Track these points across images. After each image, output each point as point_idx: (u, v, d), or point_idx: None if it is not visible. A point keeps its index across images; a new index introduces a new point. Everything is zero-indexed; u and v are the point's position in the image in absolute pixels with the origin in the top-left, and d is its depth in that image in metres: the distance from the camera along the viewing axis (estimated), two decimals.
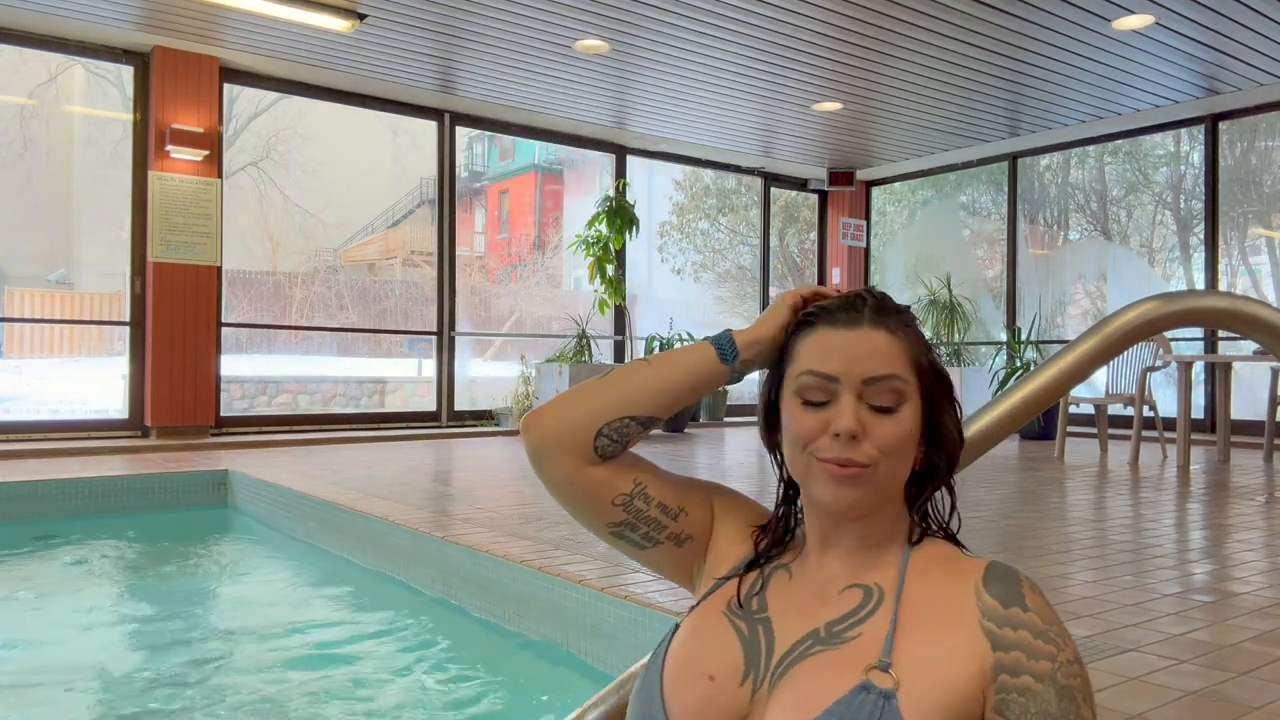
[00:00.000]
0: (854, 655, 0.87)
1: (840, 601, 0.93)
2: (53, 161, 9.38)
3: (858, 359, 0.92)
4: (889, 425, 0.91)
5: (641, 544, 1.05)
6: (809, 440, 0.93)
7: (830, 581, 0.95)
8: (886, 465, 0.91)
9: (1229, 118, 8.11)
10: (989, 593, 0.88)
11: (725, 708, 0.89)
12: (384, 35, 6.57)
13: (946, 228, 11.07)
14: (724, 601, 0.98)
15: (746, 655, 0.92)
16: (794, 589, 0.96)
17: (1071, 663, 0.84)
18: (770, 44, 6.69)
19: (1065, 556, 3.09)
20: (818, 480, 0.92)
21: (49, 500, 4.63)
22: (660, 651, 0.97)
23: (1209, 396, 7.83)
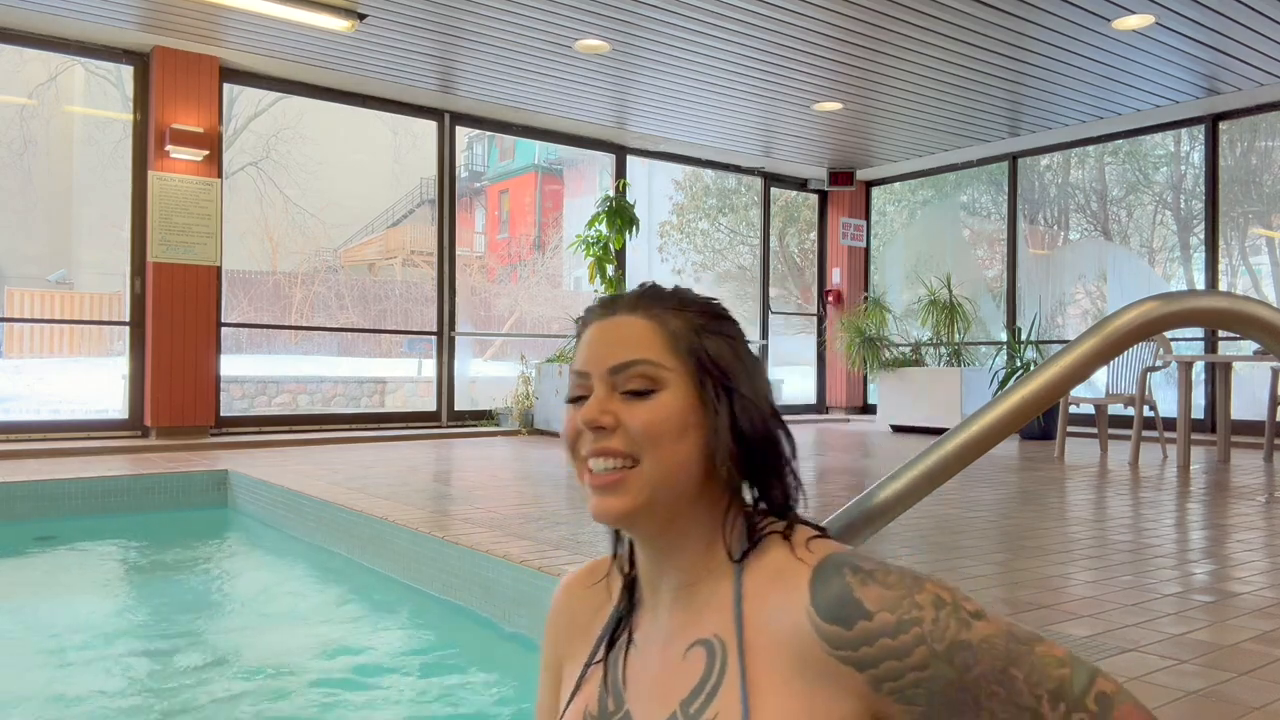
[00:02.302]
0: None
1: (687, 670, 0.83)
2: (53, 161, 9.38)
3: (608, 347, 0.87)
4: (641, 411, 0.84)
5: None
6: (572, 440, 0.88)
7: (670, 641, 0.86)
8: (651, 460, 0.83)
9: (1229, 118, 8.11)
10: (826, 621, 0.76)
11: None
12: (384, 35, 6.57)
13: (946, 228, 11.07)
14: (582, 706, 0.91)
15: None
16: (643, 661, 0.88)
17: (936, 621, 0.75)
18: (770, 44, 6.69)
19: (1065, 556, 3.09)
20: (589, 496, 0.86)
21: (49, 500, 4.62)
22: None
23: (1209, 396, 7.83)
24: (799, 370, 11.57)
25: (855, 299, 10.78)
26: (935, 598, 0.76)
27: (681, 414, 0.84)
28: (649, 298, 0.90)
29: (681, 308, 0.89)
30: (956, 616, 0.75)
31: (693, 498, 0.86)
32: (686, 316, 0.89)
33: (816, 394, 11.36)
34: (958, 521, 3.78)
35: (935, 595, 0.76)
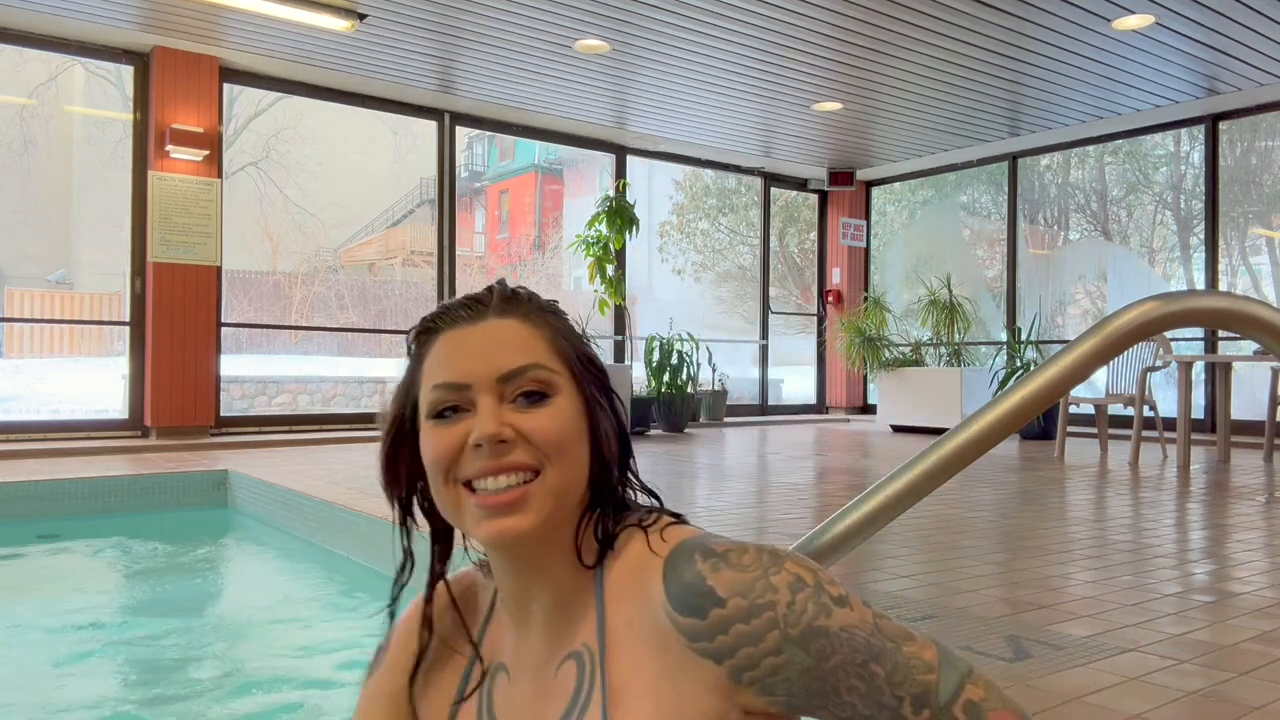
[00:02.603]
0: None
1: (559, 689, 0.79)
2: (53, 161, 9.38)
3: (486, 355, 0.78)
4: (544, 418, 0.77)
5: None
6: (449, 462, 0.77)
7: (543, 664, 0.81)
8: (554, 470, 0.77)
9: (1229, 118, 8.11)
10: (682, 614, 0.73)
11: None
12: (384, 35, 6.57)
13: (946, 228, 11.07)
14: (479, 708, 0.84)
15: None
16: (516, 693, 0.82)
17: (791, 605, 0.72)
18: (770, 44, 6.69)
19: (1065, 556, 3.09)
20: (472, 519, 0.77)
21: (49, 500, 4.62)
22: None
23: (1209, 396, 7.83)
24: (799, 370, 11.58)
25: (855, 299, 10.78)
26: (794, 579, 0.73)
27: (577, 419, 0.80)
28: (514, 300, 0.83)
29: (544, 309, 0.85)
30: (815, 600, 0.72)
31: (574, 508, 0.81)
32: (551, 319, 0.84)
33: (816, 394, 11.36)
34: (958, 521, 3.79)
35: (794, 577, 0.73)
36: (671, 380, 8.77)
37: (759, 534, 3.52)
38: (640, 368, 9.00)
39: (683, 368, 8.86)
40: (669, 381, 8.76)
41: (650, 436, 8.29)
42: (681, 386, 8.81)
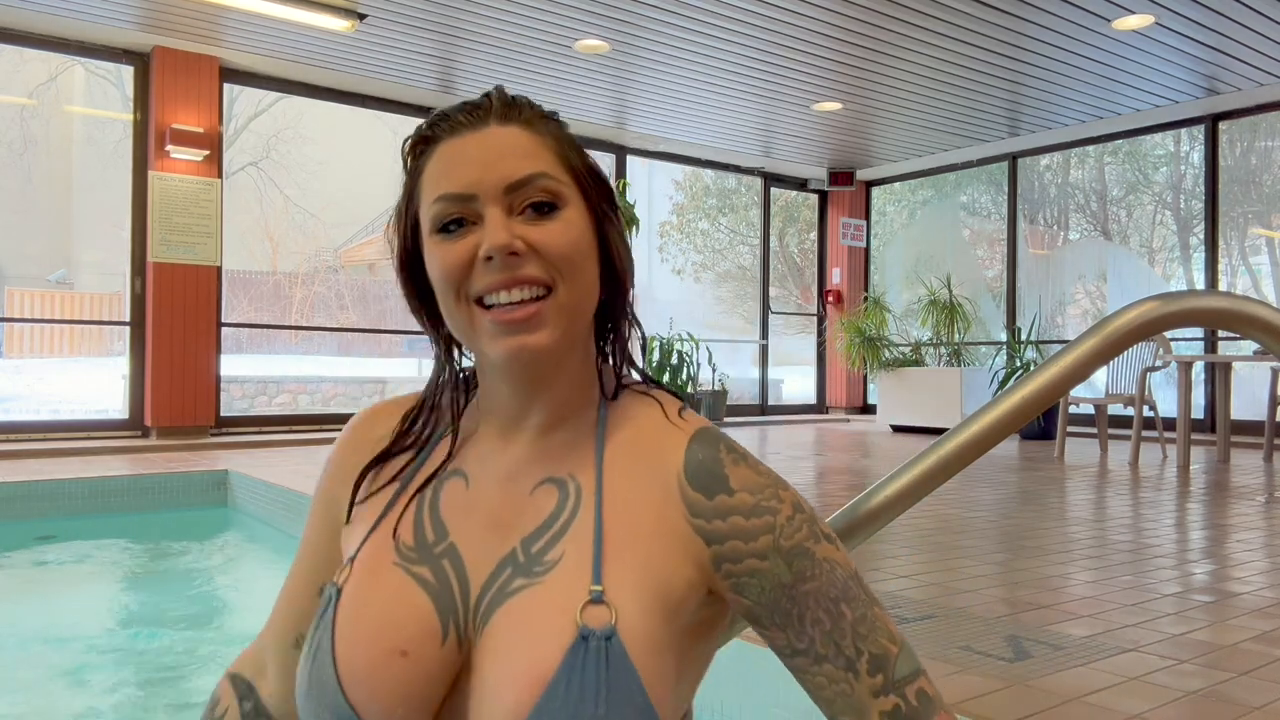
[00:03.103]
0: (561, 589, 0.72)
1: (534, 507, 0.76)
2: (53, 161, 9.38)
3: (491, 163, 0.74)
4: (555, 230, 0.74)
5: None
6: (459, 278, 0.74)
7: (518, 476, 0.78)
8: (567, 286, 0.74)
9: (1229, 118, 8.11)
10: (693, 488, 0.75)
11: (430, 679, 0.72)
12: (384, 35, 6.57)
13: (946, 228, 11.07)
14: (389, 547, 0.77)
15: (439, 606, 0.74)
16: (476, 498, 0.78)
17: (790, 519, 0.74)
18: (770, 44, 6.69)
19: (1065, 556, 3.09)
20: (487, 336, 0.74)
21: (49, 500, 4.62)
22: (322, 638, 0.75)
23: (1209, 396, 7.83)
24: (799, 370, 11.58)
25: (855, 299, 10.78)
26: (796, 503, 0.76)
27: (587, 234, 0.77)
28: (515, 106, 0.80)
29: (546, 116, 0.81)
30: (810, 526, 0.76)
31: (585, 330, 0.79)
32: (554, 127, 0.81)
33: (816, 394, 11.36)
34: (958, 521, 3.79)
35: (796, 501, 0.77)
36: (671, 380, 8.78)
37: None
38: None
39: (683, 368, 8.86)
40: (669, 381, 8.77)
41: None
42: (681, 386, 8.81)
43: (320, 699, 0.73)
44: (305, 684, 0.75)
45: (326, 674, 0.73)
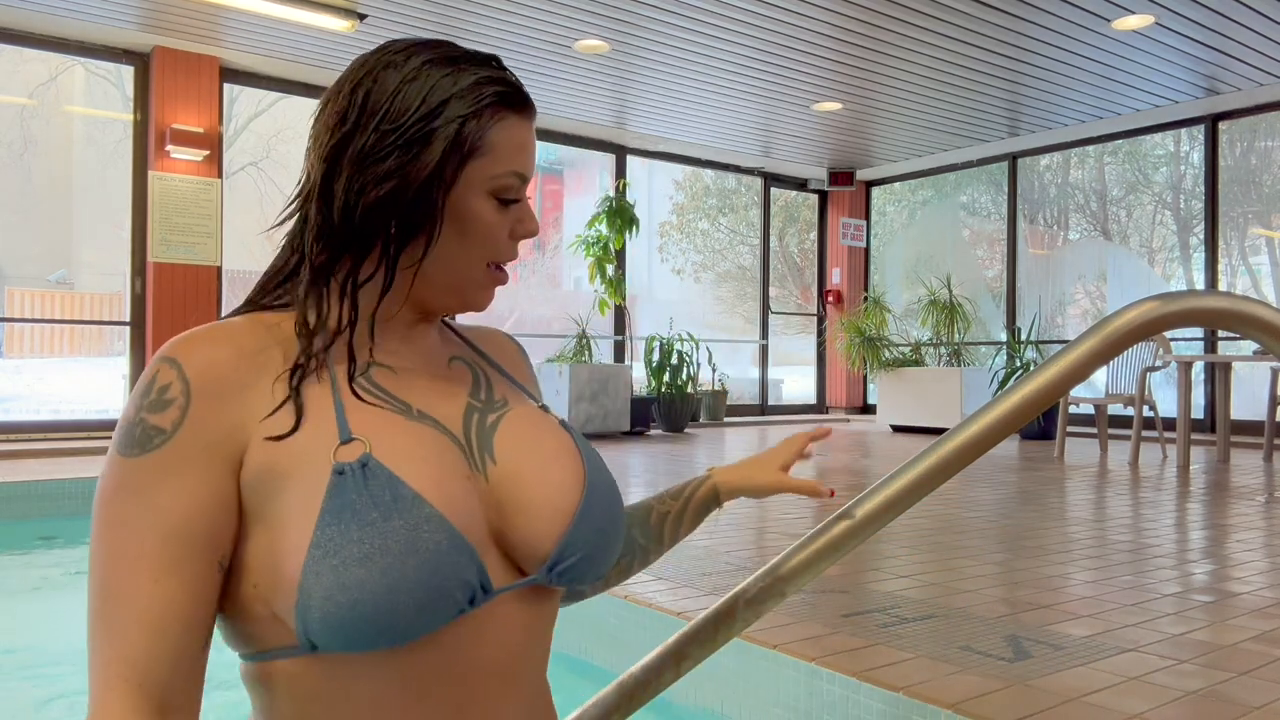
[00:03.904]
0: (527, 410, 0.90)
1: (457, 375, 0.90)
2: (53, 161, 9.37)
3: (533, 156, 0.86)
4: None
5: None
6: (496, 246, 0.85)
7: (432, 359, 0.89)
8: None
9: (1229, 118, 8.11)
10: (520, 352, 1.02)
11: (480, 502, 0.80)
12: (384, 35, 6.57)
13: (946, 228, 11.07)
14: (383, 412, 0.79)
15: (454, 444, 0.82)
16: (410, 379, 0.84)
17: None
18: (770, 44, 6.69)
19: (1065, 556, 3.09)
20: (484, 289, 0.86)
21: (49, 500, 4.63)
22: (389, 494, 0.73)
23: (1209, 396, 7.84)
24: (799, 370, 11.58)
25: (855, 299, 10.78)
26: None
27: None
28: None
29: None
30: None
31: None
32: None
33: (816, 394, 11.36)
34: (958, 521, 3.79)
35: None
36: (671, 380, 8.77)
37: (759, 533, 3.52)
38: (640, 368, 9.00)
39: (682, 368, 8.86)
40: (669, 381, 8.76)
41: (650, 436, 8.29)
42: (681, 386, 8.81)
43: (431, 552, 0.72)
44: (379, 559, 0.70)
45: (429, 520, 0.72)
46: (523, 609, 0.81)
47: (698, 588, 2.55)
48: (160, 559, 0.71)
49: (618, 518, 0.87)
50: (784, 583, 1.14)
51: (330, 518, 0.71)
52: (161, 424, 0.73)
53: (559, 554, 0.81)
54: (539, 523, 0.81)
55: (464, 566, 0.74)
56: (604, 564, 0.85)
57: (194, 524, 0.72)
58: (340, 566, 0.69)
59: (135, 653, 0.70)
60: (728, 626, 1.14)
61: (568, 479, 0.84)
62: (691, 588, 2.56)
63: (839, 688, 1.84)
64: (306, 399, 0.77)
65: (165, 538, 0.72)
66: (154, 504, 0.72)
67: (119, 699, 0.70)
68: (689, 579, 2.66)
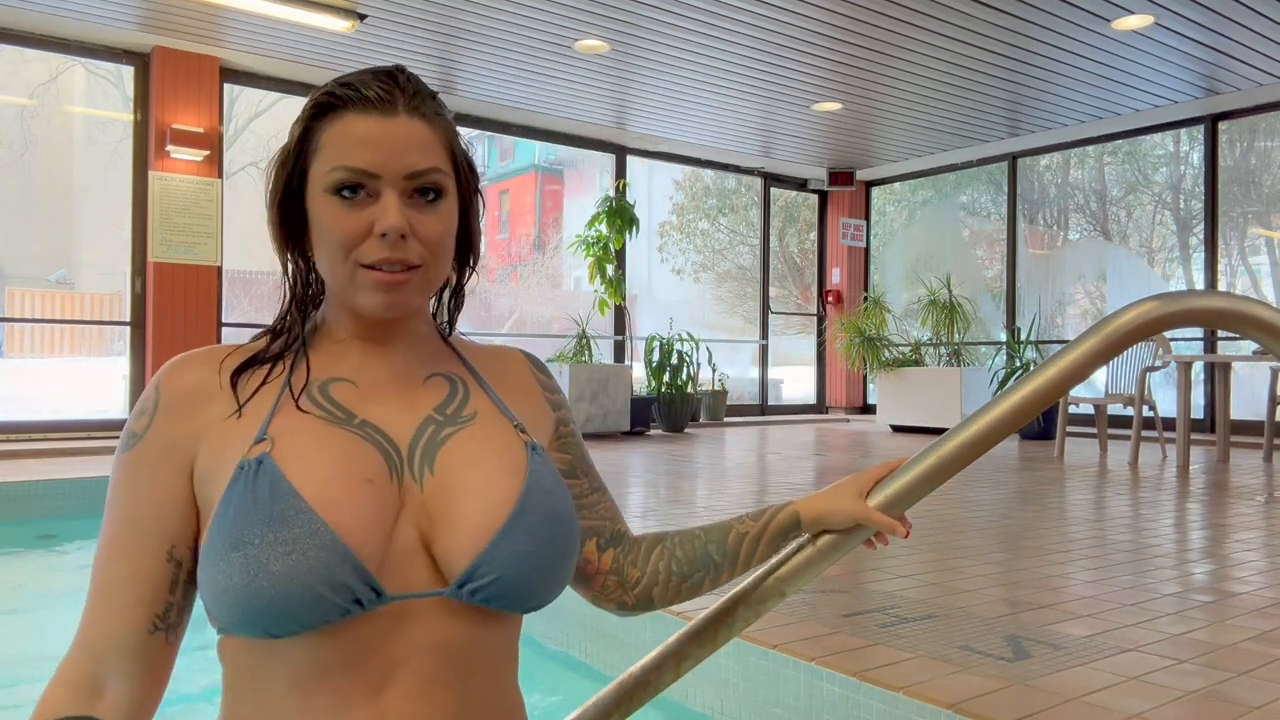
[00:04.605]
0: (494, 424, 0.90)
1: (431, 391, 0.90)
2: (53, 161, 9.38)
3: (398, 152, 0.83)
4: (434, 221, 0.85)
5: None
6: (352, 245, 0.83)
7: (405, 374, 0.90)
8: (434, 267, 0.87)
9: (1229, 118, 8.11)
10: (539, 373, 1.02)
11: (390, 509, 0.81)
12: (384, 35, 6.57)
13: (946, 228, 11.07)
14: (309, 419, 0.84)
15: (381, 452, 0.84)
16: (370, 393, 0.87)
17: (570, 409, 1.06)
18: (770, 44, 6.69)
19: (1065, 556, 3.10)
20: (363, 290, 0.84)
21: (49, 500, 4.63)
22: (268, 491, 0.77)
23: (1209, 396, 7.84)
24: (799, 370, 11.57)
25: (855, 299, 10.78)
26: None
27: (454, 221, 0.89)
28: (421, 96, 0.87)
29: (441, 113, 0.89)
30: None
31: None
32: (448, 123, 0.90)
33: (816, 394, 11.36)
34: (958, 521, 3.79)
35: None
36: (671, 380, 8.77)
37: None
38: (640, 368, 9.00)
39: (682, 368, 8.86)
40: (669, 381, 8.76)
41: (650, 436, 8.29)
42: (681, 386, 8.81)
43: (294, 547, 0.75)
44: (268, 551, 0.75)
45: (299, 514, 0.77)
46: (448, 619, 0.81)
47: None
48: (119, 541, 0.84)
49: (552, 545, 0.85)
50: (784, 583, 1.14)
51: (220, 509, 0.79)
52: (135, 429, 0.86)
53: (470, 572, 0.81)
54: (460, 538, 0.82)
55: (335, 568, 0.76)
56: (536, 587, 0.84)
57: (145, 515, 0.83)
58: (218, 553, 0.77)
59: (90, 617, 0.83)
60: (728, 626, 1.14)
61: (498, 499, 0.83)
62: None
63: (839, 688, 1.85)
64: (255, 401, 0.85)
65: (123, 523, 0.84)
66: (122, 494, 0.85)
67: (68, 661, 0.83)
68: None
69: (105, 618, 0.82)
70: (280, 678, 0.80)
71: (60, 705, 0.80)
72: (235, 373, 0.86)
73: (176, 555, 0.83)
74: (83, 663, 0.82)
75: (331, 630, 0.77)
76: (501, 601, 0.82)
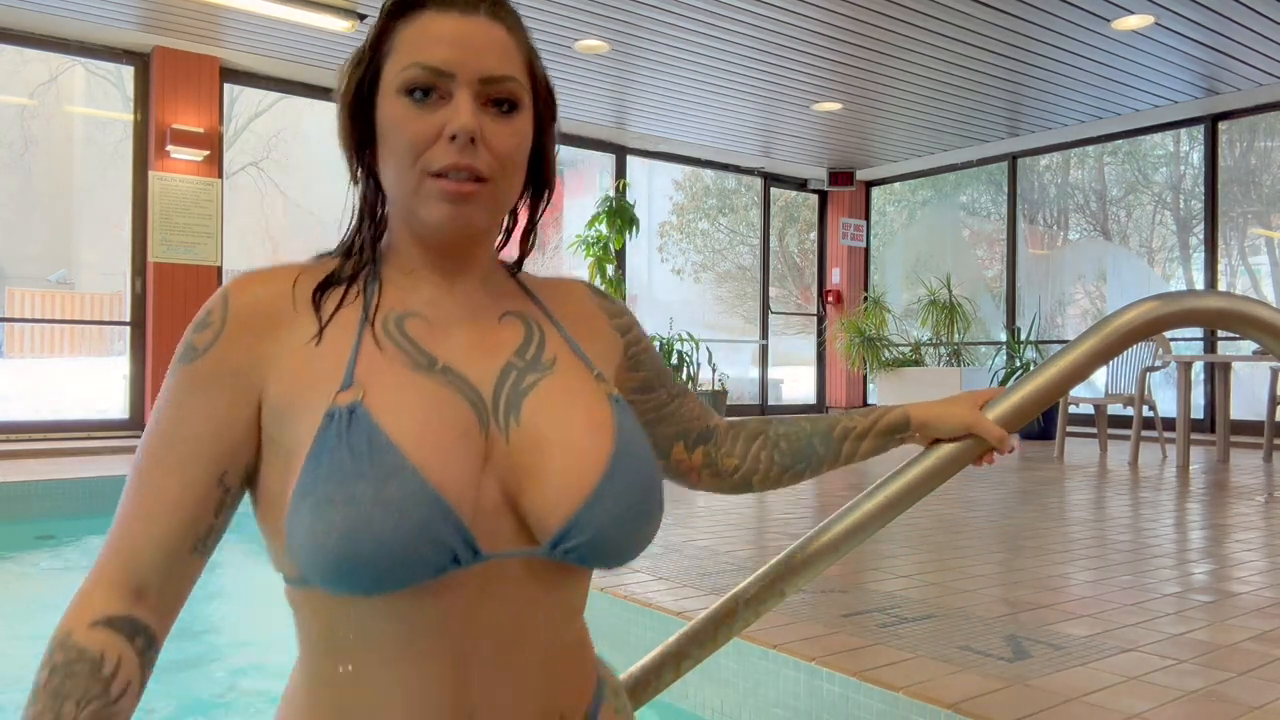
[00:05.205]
0: (575, 374, 0.87)
1: (507, 333, 0.86)
2: (53, 161, 9.38)
3: (475, 52, 0.80)
4: (507, 134, 0.81)
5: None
6: (421, 148, 0.79)
7: (479, 313, 0.86)
8: (504, 183, 0.82)
9: (1229, 118, 8.11)
10: (602, 300, 1.00)
11: (479, 462, 0.78)
12: None
13: (946, 228, 11.08)
14: (395, 362, 0.80)
15: (469, 402, 0.80)
16: (444, 333, 0.84)
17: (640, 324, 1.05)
18: (770, 44, 6.69)
19: (1065, 556, 3.10)
20: (429, 201, 0.80)
21: (49, 500, 4.63)
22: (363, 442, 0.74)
23: (1208, 396, 7.84)
24: (799, 370, 11.57)
25: (855, 299, 10.78)
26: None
27: (528, 141, 0.85)
28: (505, 6, 0.84)
29: (524, 28, 0.86)
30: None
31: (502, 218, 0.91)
32: (529, 37, 0.86)
33: (816, 394, 11.36)
34: (958, 521, 3.79)
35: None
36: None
37: (759, 533, 3.52)
38: None
39: (683, 368, 8.86)
40: None
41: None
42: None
43: (395, 504, 0.72)
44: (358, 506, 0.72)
45: (399, 470, 0.73)
46: (534, 577, 0.79)
47: (698, 588, 2.55)
48: (168, 458, 0.79)
49: (644, 505, 0.82)
50: (784, 583, 1.14)
51: (311, 459, 0.74)
52: (197, 343, 0.81)
53: (565, 532, 0.78)
54: (551, 494, 0.79)
55: (435, 524, 0.73)
56: (625, 547, 0.81)
57: (202, 434, 0.79)
58: (313, 507, 0.73)
59: (129, 532, 0.79)
60: (728, 626, 1.14)
61: (591, 455, 0.80)
62: (691, 588, 2.56)
63: (839, 687, 1.85)
64: (332, 328, 0.81)
65: (174, 441, 0.80)
66: (176, 410, 0.80)
67: (106, 566, 0.79)
68: (689, 579, 2.66)
69: (147, 536, 0.79)
70: (361, 636, 0.77)
71: (104, 605, 0.77)
72: (315, 292, 0.82)
73: (227, 481, 0.80)
74: (119, 574, 0.79)
75: (418, 593, 0.75)
76: (592, 559, 0.80)
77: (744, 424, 1.07)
